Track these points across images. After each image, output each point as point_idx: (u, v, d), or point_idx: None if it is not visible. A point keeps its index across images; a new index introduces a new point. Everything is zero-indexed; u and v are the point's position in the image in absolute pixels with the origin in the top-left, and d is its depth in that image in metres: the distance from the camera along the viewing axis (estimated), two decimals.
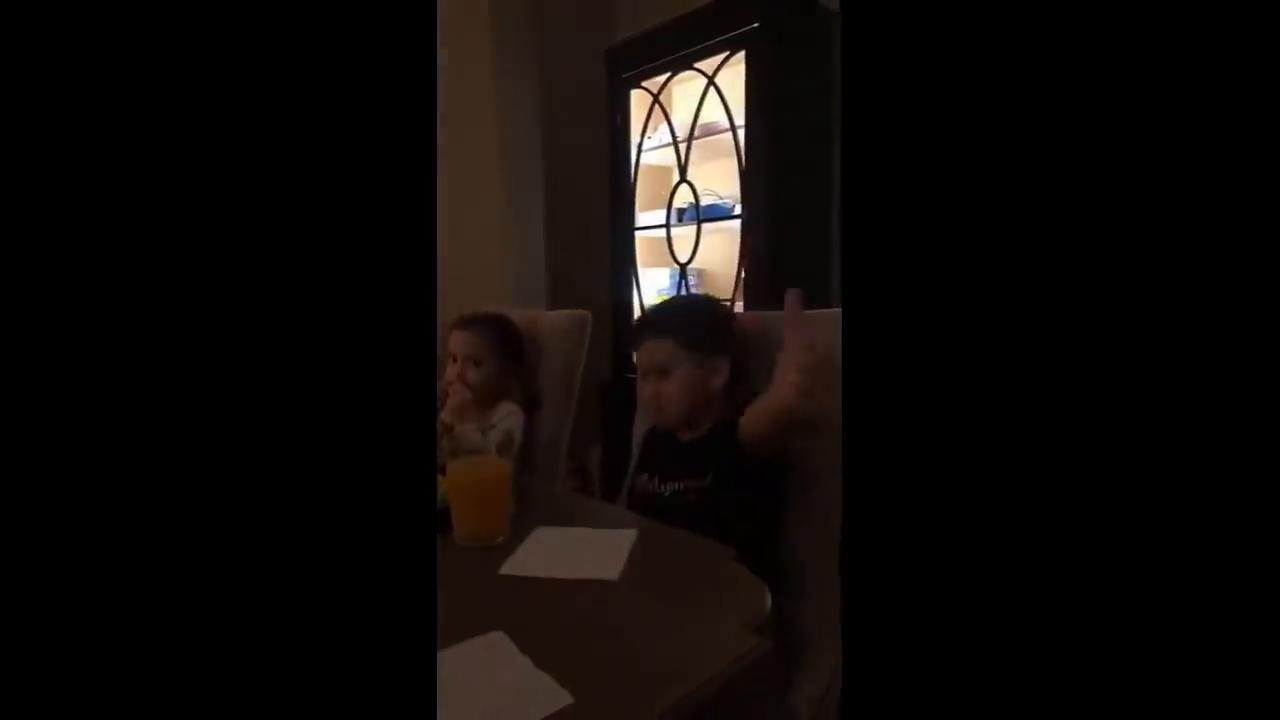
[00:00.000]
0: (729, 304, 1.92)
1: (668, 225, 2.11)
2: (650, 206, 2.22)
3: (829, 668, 0.83)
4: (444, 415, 1.16)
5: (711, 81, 1.89)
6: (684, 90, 2.09)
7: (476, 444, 1.12)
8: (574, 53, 2.37)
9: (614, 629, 0.53)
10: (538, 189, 2.35)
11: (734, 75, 1.84)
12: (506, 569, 0.62)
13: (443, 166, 2.21)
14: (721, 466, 0.87)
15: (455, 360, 1.18)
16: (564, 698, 0.43)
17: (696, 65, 1.93)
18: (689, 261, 2.06)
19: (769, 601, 0.57)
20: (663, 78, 2.05)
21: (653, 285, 2.26)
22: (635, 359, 0.98)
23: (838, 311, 0.92)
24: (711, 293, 2.23)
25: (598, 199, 2.30)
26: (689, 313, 1.01)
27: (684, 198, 2.06)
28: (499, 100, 2.23)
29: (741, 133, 1.84)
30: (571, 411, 1.29)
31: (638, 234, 2.21)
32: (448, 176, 2.24)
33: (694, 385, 0.91)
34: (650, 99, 2.09)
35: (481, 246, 2.29)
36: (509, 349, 1.22)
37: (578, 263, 2.47)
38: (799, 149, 1.85)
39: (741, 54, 1.81)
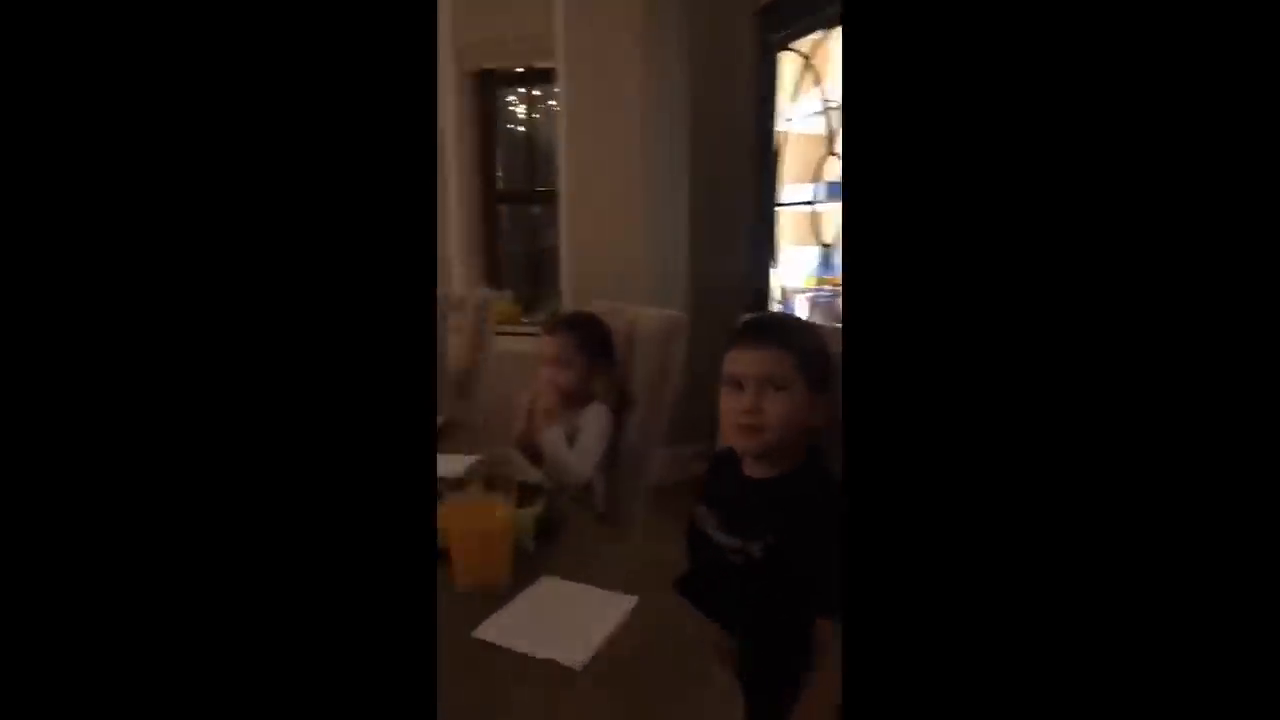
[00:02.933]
0: None
1: (813, 201, 1.91)
2: (799, 180, 2.03)
3: None
4: (536, 418, 1.16)
5: None
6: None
7: (555, 456, 1.11)
8: (724, 13, 2.21)
9: None
10: (682, 166, 2.25)
11: None
12: (480, 631, 0.59)
13: (585, 138, 2.22)
14: (777, 534, 0.75)
15: (546, 364, 1.17)
16: None
17: None
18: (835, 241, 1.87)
19: None
20: (815, 36, 1.83)
21: (798, 267, 2.08)
22: (730, 364, 0.81)
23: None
24: None
25: (743, 173, 2.15)
26: (809, 331, 0.86)
27: (835, 171, 1.85)
28: (646, 66, 2.14)
29: None
30: (663, 417, 1.23)
31: (783, 210, 2.04)
32: (588, 149, 2.23)
33: (802, 414, 0.78)
34: (802, 61, 1.89)
35: (622, 225, 2.26)
36: (596, 350, 1.18)
37: (719, 243, 2.34)
38: None
39: None
